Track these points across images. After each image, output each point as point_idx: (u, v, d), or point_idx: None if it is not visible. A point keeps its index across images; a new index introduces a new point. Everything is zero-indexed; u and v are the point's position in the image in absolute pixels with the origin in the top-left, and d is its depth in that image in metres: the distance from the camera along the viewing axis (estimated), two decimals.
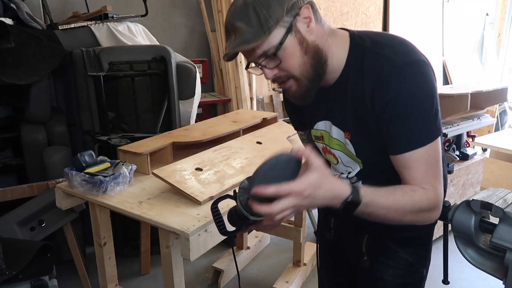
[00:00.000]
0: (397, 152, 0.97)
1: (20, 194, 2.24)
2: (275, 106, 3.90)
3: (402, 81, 0.92)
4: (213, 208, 1.04)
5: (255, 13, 0.91)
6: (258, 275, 2.67)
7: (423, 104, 0.93)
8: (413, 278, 1.18)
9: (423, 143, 0.94)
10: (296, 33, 0.93)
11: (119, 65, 2.53)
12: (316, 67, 0.97)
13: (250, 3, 0.91)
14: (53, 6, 2.99)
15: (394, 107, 0.93)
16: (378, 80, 0.94)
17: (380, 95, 0.94)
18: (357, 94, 0.99)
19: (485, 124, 2.96)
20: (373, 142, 1.02)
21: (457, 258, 1.21)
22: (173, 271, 1.52)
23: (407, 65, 0.92)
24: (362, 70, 0.97)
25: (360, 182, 1.11)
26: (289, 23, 0.92)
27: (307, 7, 0.94)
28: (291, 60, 0.95)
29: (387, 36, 1.02)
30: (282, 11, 0.91)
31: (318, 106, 1.09)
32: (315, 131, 1.15)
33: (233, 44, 0.93)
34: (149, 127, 2.64)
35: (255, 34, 0.91)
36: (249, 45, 0.91)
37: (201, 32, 3.86)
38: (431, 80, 0.94)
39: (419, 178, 0.95)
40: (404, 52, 0.95)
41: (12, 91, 2.49)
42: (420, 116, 0.93)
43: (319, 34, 0.97)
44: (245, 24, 0.91)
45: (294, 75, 0.97)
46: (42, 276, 1.69)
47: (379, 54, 0.95)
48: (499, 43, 5.16)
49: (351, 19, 4.15)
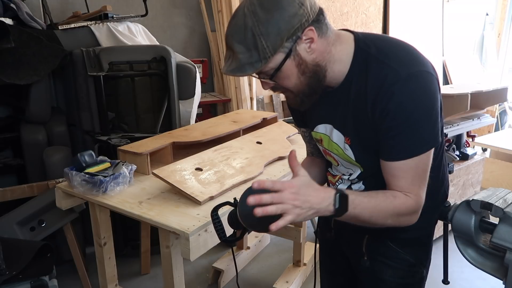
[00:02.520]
0: (388, 159, 0.99)
1: (20, 194, 2.24)
2: (275, 106, 3.90)
3: (404, 93, 0.92)
4: (213, 215, 1.05)
5: (253, 39, 0.89)
6: (258, 275, 2.67)
7: (422, 118, 0.94)
8: (414, 279, 1.18)
9: (414, 154, 0.95)
10: (295, 57, 0.93)
11: (119, 65, 2.53)
12: (312, 85, 0.98)
13: (249, 27, 0.89)
14: (53, 6, 2.99)
15: (392, 118, 0.94)
16: (380, 90, 0.94)
17: (381, 104, 0.94)
18: (359, 100, 0.99)
19: (485, 124, 2.96)
20: (371, 148, 1.02)
21: (457, 258, 1.21)
22: (173, 271, 1.52)
23: (410, 78, 0.92)
24: (365, 77, 0.97)
25: (362, 182, 1.11)
26: (289, 48, 0.92)
27: (311, 29, 0.92)
28: (287, 81, 0.97)
29: (392, 43, 1.00)
30: (280, 41, 0.90)
31: (320, 108, 1.09)
32: (315, 133, 1.15)
33: (230, 67, 0.94)
34: (149, 127, 2.63)
35: (251, 62, 0.91)
36: (245, 73, 0.93)
37: (201, 32, 3.86)
38: (434, 93, 0.95)
39: (404, 187, 0.98)
40: (408, 63, 0.94)
41: (12, 91, 2.49)
42: (417, 129, 0.94)
43: (321, 49, 0.95)
44: (243, 47, 0.91)
45: (290, 91, 1.00)
46: (42, 276, 1.69)
47: (383, 63, 0.95)
48: (499, 43, 5.16)
49: (351, 19, 4.15)
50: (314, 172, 1.29)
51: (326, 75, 0.99)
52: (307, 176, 0.92)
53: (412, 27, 4.52)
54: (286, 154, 2.08)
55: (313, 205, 0.88)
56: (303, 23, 0.90)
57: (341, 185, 1.17)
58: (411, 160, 0.96)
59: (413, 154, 0.95)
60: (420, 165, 0.97)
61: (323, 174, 1.28)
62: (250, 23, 0.89)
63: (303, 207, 0.87)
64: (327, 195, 0.90)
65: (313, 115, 1.14)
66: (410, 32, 4.42)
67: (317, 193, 0.90)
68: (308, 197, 0.88)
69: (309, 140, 1.28)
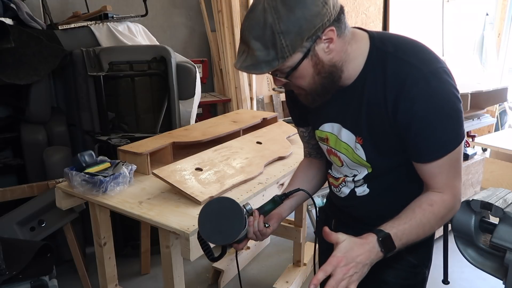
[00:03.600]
0: (423, 161, 0.97)
1: (20, 194, 2.24)
2: (275, 106, 3.90)
3: (429, 92, 0.90)
4: (199, 239, 1.11)
5: (272, 37, 0.86)
6: (258, 275, 2.67)
7: (450, 115, 0.92)
8: (416, 279, 1.18)
9: (448, 151, 0.95)
10: (313, 57, 0.91)
11: (119, 65, 2.53)
12: (326, 85, 0.96)
13: (269, 24, 0.86)
14: (53, 6, 2.99)
15: (421, 119, 0.92)
16: (403, 88, 0.91)
17: (405, 104, 0.92)
18: (376, 99, 0.96)
19: (485, 124, 2.97)
20: (386, 147, 1.01)
21: (457, 258, 1.21)
22: (173, 271, 1.52)
23: (433, 75, 0.91)
24: (383, 76, 0.94)
25: (366, 185, 1.10)
26: (308, 48, 0.89)
27: (331, 30, 0.89)
28: (301, 80, 0.95)
29: (409, 42, 0.99)
30: (300, 40, 0.87)
31: (328, 107, 1.06)
32: (320, 132, 1.13)
33: (245, 63, 0.91)
34: (149, 127, 2.64)
35: (268, 60, 0.88)
36: (261, 71, 0.90)
37: (201, 32, 3.86)
38: (455, 88, 0.94)
39: (440, 184, 0.97)
40: (428, 61, 0.93)
41: (12, 91, 2.49)
42: (447, 127, 0.93)
43: (338, 49, 0.93)
44: (260, 45, 0.87)
45: (303, 89, 0.98)
46: (42, 276, 1.69)
47: (404, 61, 0.93)
48: (499, 43, 5.15)
49: (351, 19, 4.15)
50: (312, 174, 1.28)
51: (341, 76, 0.97)
52: (346, 237, 0.91)
53: (412, 27, 4.52)
54: (286, 154, 2.08)
55: (364, 262, 0.89)
56: (324, 23, 0.87)
57: (344, 188, 1.15)
58: (445, 158, 0.95)
59: (446, 152, 0.94)
60: (453, 159, 0.96)
61: (322, 175, 1.28)
62: (270, 19, 0.85)
63: (357, 271, 0.88)
64: (371, 246, 0.90)
65: (319, 114, 1.11)
66: (410, 32, 4.42)
67: (363, 250, 0.90)
68: (356, 259, 0.88)
69: (308, 140, 1.26)
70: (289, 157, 2.07)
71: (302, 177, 1.28)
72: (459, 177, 0.99)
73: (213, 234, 1.02)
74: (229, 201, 1.03)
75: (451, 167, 0.97)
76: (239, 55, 0.93)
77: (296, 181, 1.27)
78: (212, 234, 1.03)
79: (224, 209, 1.02)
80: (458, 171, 0.99)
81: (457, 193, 0.99)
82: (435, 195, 0.98)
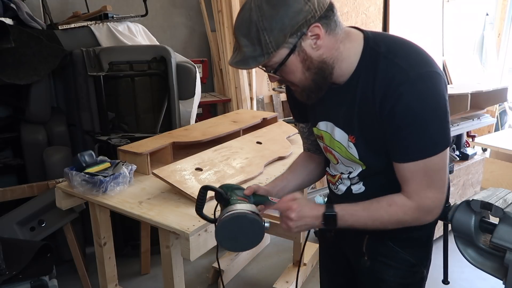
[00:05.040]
0: (397, 160, 0.99)
1: (20, 194, 2.24)
2: (275, 106, 3.89)
3: (412, 94, 0.91)
4: (201, 191, 1.12)
5: (257, 34, 0.91)
6: (258, 275, 2.67)
7: (431, 119, 0.93)
8: (414, 278, 1.18)
9: (423, 157, 0.95)
10: (300, 53, 0.94)
11: (119, 65, 2.53)
12: (318, 81, 0.98)
13: (254, 22, 0.91)
14: (53, 6, 2.99)
15: (400, 119, 0.93)
16: (389, 88, 0.93)
17: (389, 104, 0.94)
18: (367, 98, 0.98)
19: (485, 124, 2.96)
20: (377, 146, 1.02)
21: (457, 258, 1.21)
22: (173, 271, 1.53)
23: (419, 78, 0.92)
24: (374, 76, 0.96)
25: (362, 182, 1.11)
26: (293, 44, 0.92)
27: (317, 26, 0.92)
28: (291, 76, 0.98)
29: (402, 43, 1.00)
30: (283, 37, 0.90)
31: (323, 105, 1.08)
32: (317, 130, 1.15)
33: (235, 59, 0.96)
34: (149, 127, 2.64)
35: (255, 56, 0.93)
36: (249, 66, 0.95)
37: (201, 32, 3.86)
38: (443, 94, 0.94)
39: (410, 189, 0.99)
40: (418, 63, 0.94)
41: (12, 91, 2.49)
42: (425, 131, 0.93)
43: (329, 46, 0.96)
44: (247, 42, 0.92)
45: (296, 85, 1.01)
46: (42, 276, 1.69)
47: (393, 62, 0.94)
48: (499, 43, 5.15)
49: (351, 19, 4.15)
50: (311, 167, 1.29)
51: (332, 72, 0.99)
52: (301, 196, 1.05)
53: (412, 27, 4.52)
54: (286, 154, 2.08)
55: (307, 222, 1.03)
56: (308, 20, 0.91)
57: (341, 185, 1.17)
58: (420, 162, 0.95)
59: (423, 156, 0.95)
60: (430, 169, 0.96)
61: (320, 170, 1.28)
62: (255, 17, 0.91)
63: (300, 224, 1.02)
64: (318, 215, 1.02)
65: (315, 111, 1.13)
66: (410, 32, 4.42)
67: (311, 213, 1.02)
68: (304, 216, 1.02)
69: (307, 136, 1.27)
70: (289, 157, 2.07)
71: (301, 169, 1.29)
72: (434, 189, 0.98)
73: (229, 241, 1.04)
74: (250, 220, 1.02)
75: (425, 176, 0.96)
76: (233, 52, 0.98)
77: (297, 171, 1.28)
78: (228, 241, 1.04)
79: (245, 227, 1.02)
80: (434, 182, 0.98)
81: (424, 204, 0.99)
82: (399, 197, 1.00)
